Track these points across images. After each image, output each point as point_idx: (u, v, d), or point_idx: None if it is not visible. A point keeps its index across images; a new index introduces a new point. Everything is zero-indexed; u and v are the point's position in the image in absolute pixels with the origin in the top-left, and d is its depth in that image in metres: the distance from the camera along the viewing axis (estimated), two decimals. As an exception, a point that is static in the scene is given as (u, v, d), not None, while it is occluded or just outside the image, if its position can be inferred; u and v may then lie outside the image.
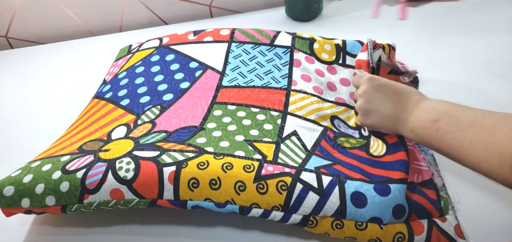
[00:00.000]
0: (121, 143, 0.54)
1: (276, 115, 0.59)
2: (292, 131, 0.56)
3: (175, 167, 0.48)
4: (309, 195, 0.46)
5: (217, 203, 0.47)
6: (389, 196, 0.45)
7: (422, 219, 0.47)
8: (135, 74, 0.69)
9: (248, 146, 0.53)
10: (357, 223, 0.45)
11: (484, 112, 0.42)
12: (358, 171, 0.50)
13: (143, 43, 0.77)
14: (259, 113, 0.59)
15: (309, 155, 0.53)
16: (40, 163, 0.51)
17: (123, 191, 0.47)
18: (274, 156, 0.51)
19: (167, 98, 0.63)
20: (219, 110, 0.60)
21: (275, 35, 0.73)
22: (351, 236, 0.46)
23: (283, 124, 0.57)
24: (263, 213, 0.46)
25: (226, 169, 0.47)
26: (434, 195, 0.49)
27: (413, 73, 0.65)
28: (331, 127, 0.59)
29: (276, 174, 0.47)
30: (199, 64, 0.69)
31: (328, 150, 0.55)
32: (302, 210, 0.46)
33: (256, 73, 0.67)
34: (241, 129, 0.56)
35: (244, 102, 0.61)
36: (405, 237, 0.45)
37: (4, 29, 0.96)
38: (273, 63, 0.68)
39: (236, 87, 0.64)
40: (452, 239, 0.45)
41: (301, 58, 0.69)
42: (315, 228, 0.47)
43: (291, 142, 0.54)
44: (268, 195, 0.46)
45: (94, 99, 0.67)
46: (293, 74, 0.66)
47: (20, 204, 0.48)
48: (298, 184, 0.46)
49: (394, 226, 0.45)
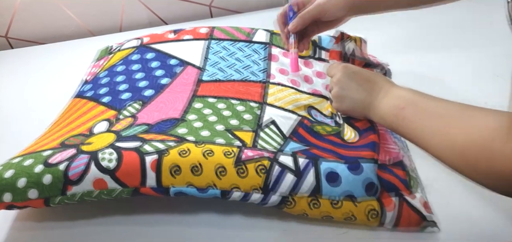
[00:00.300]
0: (103, 136, 0.55)
1: (255, 107, 0.60)
2: (271, 120, 0.58)
3: (157, 156, 0.49)
4: (286, 176, 0.48)
5: (199, 188, 0.48)
6: (360, 173, 0.48)
7: (392, 195, 0.49)
8: (115, 73, 0.70)
9: (228, 134, 0.54)
10: (333, 201, 0.48)
11: (447, 103, 0.43)
12: (332, 153, 0.52)
13: (123, 43, 0.77)
14: (239, 105, 0.61)
15: (287, 141, 0.55)
16: (21, 159, 0.51)
17: (106, 180, 0.48)
18: (253, 143, 0.53)
19: (148, 94, 0.64)
20: (199, 103, 0.61)
21: (253, 33, 0.75)
22: (327, 213, 0.48)
23: (262, 114, 0.59)
24: (243, 196, 0.48)
25: (207, 156, 0.49)
26: (403, 175, 0.50)
27: (385, 66, 0.67)
28: (307, 116, 0.61)
29: (256, 158, 0.49)
30: (179, 61, 0.70)
31: (305, 136, 0.56)
32: (280, 190, 0.48)
33: (236, 68, 0.69)
34: (221, 119, 0.58)
35: (224, 95, 0.63)
36: (377, 213, 0.47)
37: (4, 29, 0.96)
38: (252, 58, 0.70)
39: (216, 82, 0.66)
40: (421, 214, 0.47)
41: (278, 54, 0.72)
42: (294, 208, 0.48)
43: (269, 130, 0.56)
44: (248, 177, 0.48)
45: (74, 99, 0.68)
46: (271, 69, 0.69)
47: (2, 199, 0.48)
48: (276, 166, 0.48)
49: (367, 203, 0.48)
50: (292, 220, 0.50)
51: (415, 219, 0.47)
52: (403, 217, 0.47)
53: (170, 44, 0.74)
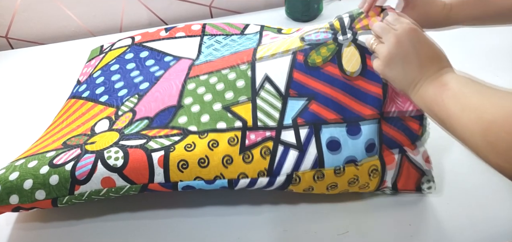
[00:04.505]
0: (106, 135, 0.54)
1: (245, 68, 0.58)
2: (263, 77, 0.55)
3: (163, 152, 0.48)
4: (289, 153, 0.48)
5: (206, 180, 0.48)
6: (360, 137, 0.49)
7: (395, 152, 0.49)
8: (110, 72, 0.69)
9: (227, 113, 0.53)
10: (336, 170, 0.48)
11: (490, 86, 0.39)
12: (332, 106, 0.51)
13: (115, 43, 0.76)
14: (230, 73, 0.59)
15: (285, 101, 0.52)
16: (24, 161, 0.50)
17: (114, 178, 0.47)
18: (253, 119, 0.52)
19: (144, 87, 0.63)
20: (192, 83, 0.60)
21: (244, 27, 0.74)
22: (332, 183, 0.49)
23: (254, 74, 0.56)
24: (250, 181, 0.48)
25: (212, 147, 0.49)
26: (417, 128, 0.50)
27: None
28: (300, 46, 0.55)
29: (259, 142, 0.49)
30: (174, 57, 0.69)
31: (302, 81, 0.53)
32: (285, 169, 0.48)
33: (227, 49, 0.67)
34: (216, 95, 0.56)
35: (215, 69, 0.61)
36: (378, 170, 0.49)
37: (4, 30, 0.96)
38: (243, 45, 0.68)
39: (207, 62, 0.64)
40: (420, 170, 0.48)
41: (269, 34, 0.69)
42: (299, 185, 0.49)
43: (265, 92, 0.54)
44: (253, 162, 0.48)
45: (70, 100, 0.66)
46: (262, 41, 0.66)
47: (8, 202, 0.47)
48: (279, 146, 0.49)
49: (369, 163, 0.49)
50: (300, 202, 0.51)
51: (414, 175, 0.49)
52: (403, 174, 0.49)
53: (164, 42, 0.73)
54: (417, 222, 0.49)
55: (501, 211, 0.49)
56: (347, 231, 0.48)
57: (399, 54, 0.46)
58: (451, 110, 0.40)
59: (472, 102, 0.39)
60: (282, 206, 0.52)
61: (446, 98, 0.41)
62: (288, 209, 0.51)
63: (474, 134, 0.37)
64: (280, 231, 0.49)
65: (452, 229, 0.47)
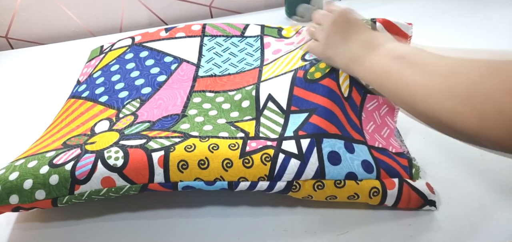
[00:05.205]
0: (106, 135, 0.53)
1: (250, 89, 0.59)
2: (267, 96, 0.56)
3: (163, 152, 0.48)
4: (291, 162, 0.48)
5: (206, 181, 0.48)
6: (355, 154, 0.49)
7: (393, 178, 0.49)
8: (110, 72, 0.69)
9: (230, 126, 0.54)
10: (336, 182, 0.48)
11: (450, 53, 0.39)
12: (332, 119, 0.51)
13: (115, 43, 0.76)
14: (236, 94, 0.60)
15: (287, 117, 0.54)
16: (24, 161, 0.49)
17: (114, 178, 0.47)
18: (255, 132, 0.52)
19: (146, 92, 0.63)
20: (198, 97, 0.60)
21: (245, 28, 0.74)
22: (331, 194, 0.48)
23: (258, 94, 0.58)
24: (250, 185, 0.48)
25: (212, 149, 0.48)
26: (405, 162, 0.51)
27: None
28: (301, 64, 0.58)
29: (260, 148, 0.49)
30: (174, 58, 0.69)
31: (302, 96, 0.54)
32: (285, 176, 0.47)
33: (230, 63, 0.68)
34: (221, 112, 0.57)
35: (221, 89, 0.62)
36: (379, 191, 0.48)
37: (4, 30, 0.95)
38: (246, 51, 0.70)
39: (212, 77, 0.65)
40: (422, 195, 0.48)
41: (271, 40, 0.71)
42: (299, 192, 0.48)
43: (268, 111, 0.55)
44: (253, 167, 0.47)
45: (70, 100, 0.66)
46: (265, 55, 0.68)
47: (8, 202, 0.47)
48: (280, 154, 0.48)
49: (368, 182, 0.48)
50: (298, 205, 0.50)
51: (415, 198, 0.48)
52: (404, 196, 0.48)
53: (164, 42, 0.73)
54: (417, 222, 0.48)
55: (501, 211, 0.49)
56: (347, 231, 0.48)
57: (337, 31, 0.51)
58: (409, 77, 0.41)
59: (436, 63, 0.39)
60: (282, 206, 0.51)
61: (403, 67, 0.42)
62: (288, 209, 0.51)
63: (441, 91, 0.37)
64: (280, 231, 0.49)
65: (452, 229, 0.47)
